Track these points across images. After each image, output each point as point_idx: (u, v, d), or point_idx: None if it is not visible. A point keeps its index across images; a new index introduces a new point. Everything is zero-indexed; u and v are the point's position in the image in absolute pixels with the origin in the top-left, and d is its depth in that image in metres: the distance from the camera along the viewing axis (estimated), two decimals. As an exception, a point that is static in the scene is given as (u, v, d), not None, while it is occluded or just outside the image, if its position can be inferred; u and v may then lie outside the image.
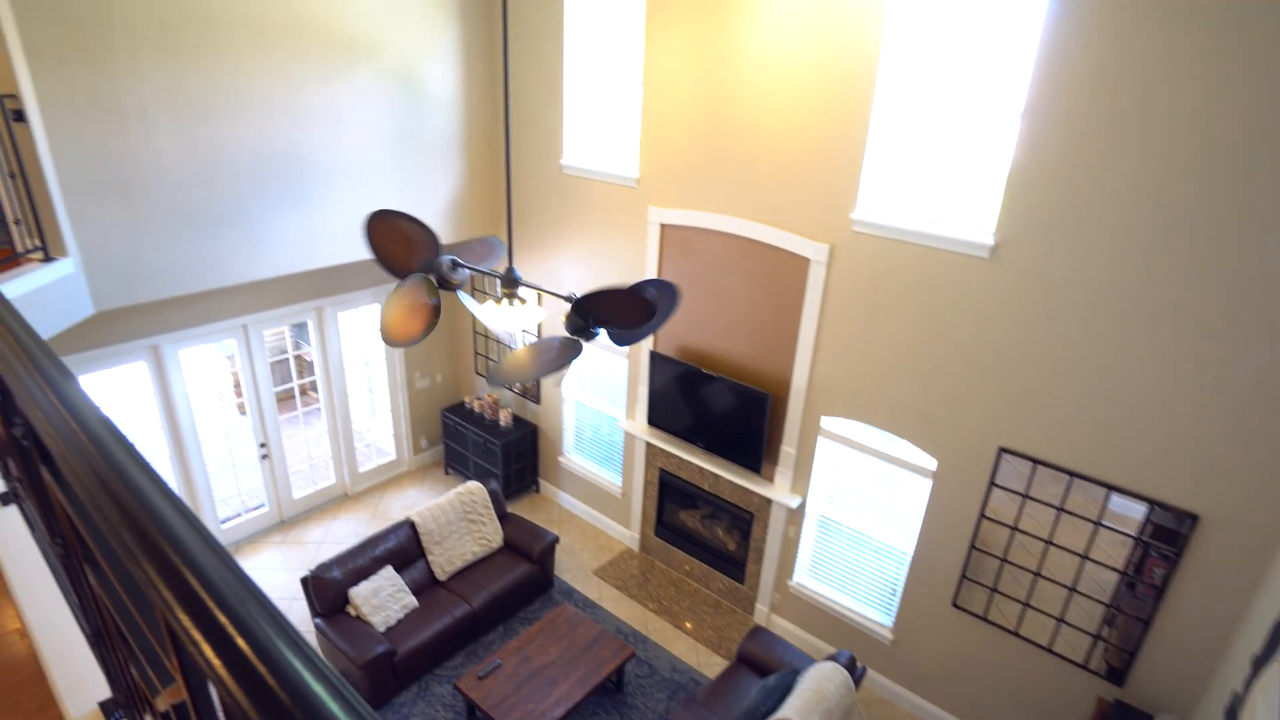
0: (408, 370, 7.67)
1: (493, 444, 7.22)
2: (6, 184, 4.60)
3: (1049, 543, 4.39)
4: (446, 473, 8.07)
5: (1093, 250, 3.85)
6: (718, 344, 5.70)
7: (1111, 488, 4.07)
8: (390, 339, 3.35)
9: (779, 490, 5.55)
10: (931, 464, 4.78)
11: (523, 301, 3.67)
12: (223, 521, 6.80)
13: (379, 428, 8.14)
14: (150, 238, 5.18)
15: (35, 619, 1.86)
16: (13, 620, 1.90)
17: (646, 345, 6.13)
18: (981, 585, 4.76)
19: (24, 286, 4.17)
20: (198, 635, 0.49)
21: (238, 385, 7.53)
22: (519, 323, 3.66)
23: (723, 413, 5.66)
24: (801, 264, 4.99)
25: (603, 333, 3.32)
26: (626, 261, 6.13)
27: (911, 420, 4.79)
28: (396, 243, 3.44)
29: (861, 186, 4.60)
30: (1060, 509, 4.28)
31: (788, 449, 5.46)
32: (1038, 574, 4.49)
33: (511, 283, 3.63)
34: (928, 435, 4.74)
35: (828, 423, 5.22)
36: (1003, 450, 4.42)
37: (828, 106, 4.60)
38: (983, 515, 4.61)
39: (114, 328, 5.83)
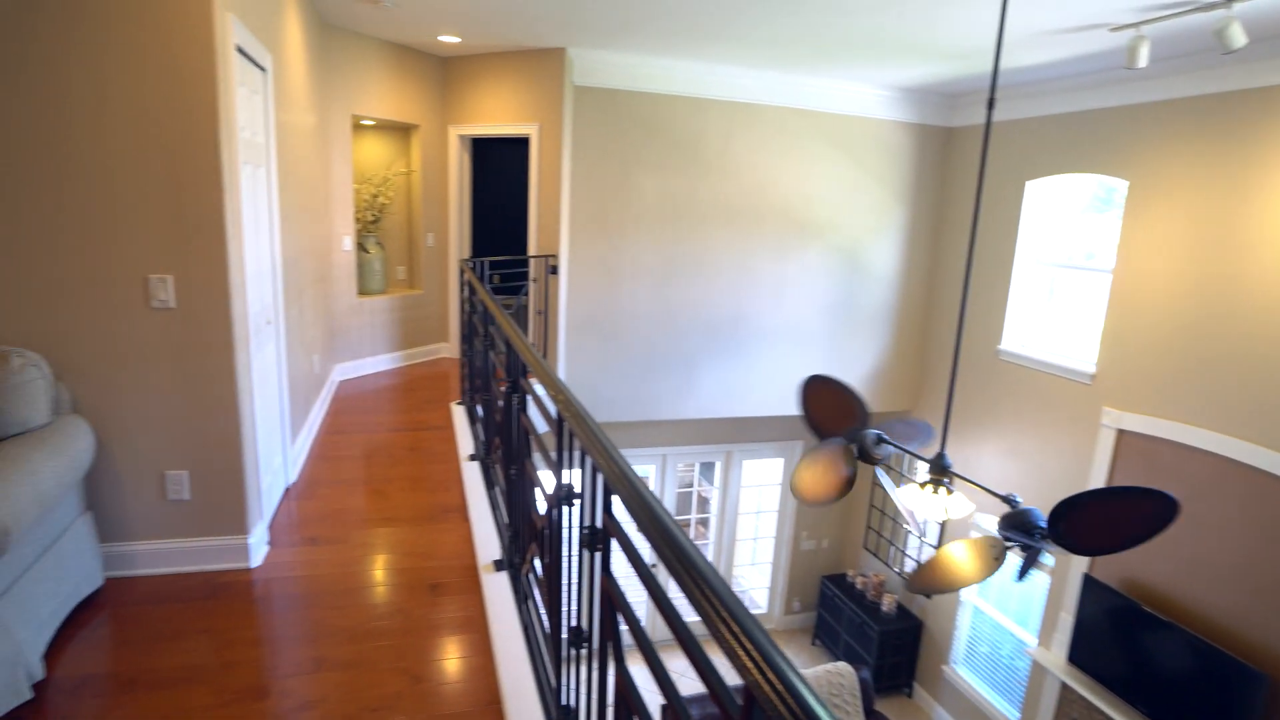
0: (796, 528, 7.69)
1: (870, 628, 6.71)
2: (534, 318, 6.07)
3: None
4: (814, 643, 7.71)
5: None
6: (1183, 587, 4.56)
7: None
8: (799, 492, 3.39)
9: (1266, 813, 4.03)
10: None
11: (949, 492, 3.43)
12: (607, 628, 7.45)
13: (756, 578, 8.22)
14: (611, 371, 6.23)
15: (506, 675, 2.21)
16: (491, 670, 2.29)
17: (1078, 564, 5.19)
18: None
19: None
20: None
21: (644, 506, 8.38)
22: (943, 513, 3.42)
23: (1181, 677, 4.42)
24: (1335, 511, 3.79)
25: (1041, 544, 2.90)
26: (1064, 465, 5.39)
27: None
28: (827, 406, 3.54)
29: None
30: None
31: (1288, 759, 3.98)
32: None
33: (941, 470, 3.43)
34: None
35: (1366, 742, 3.70)
36: None
37: (1398, 317, 3.57)
38: None
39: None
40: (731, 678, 0.86)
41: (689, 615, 7.23)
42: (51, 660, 2.28)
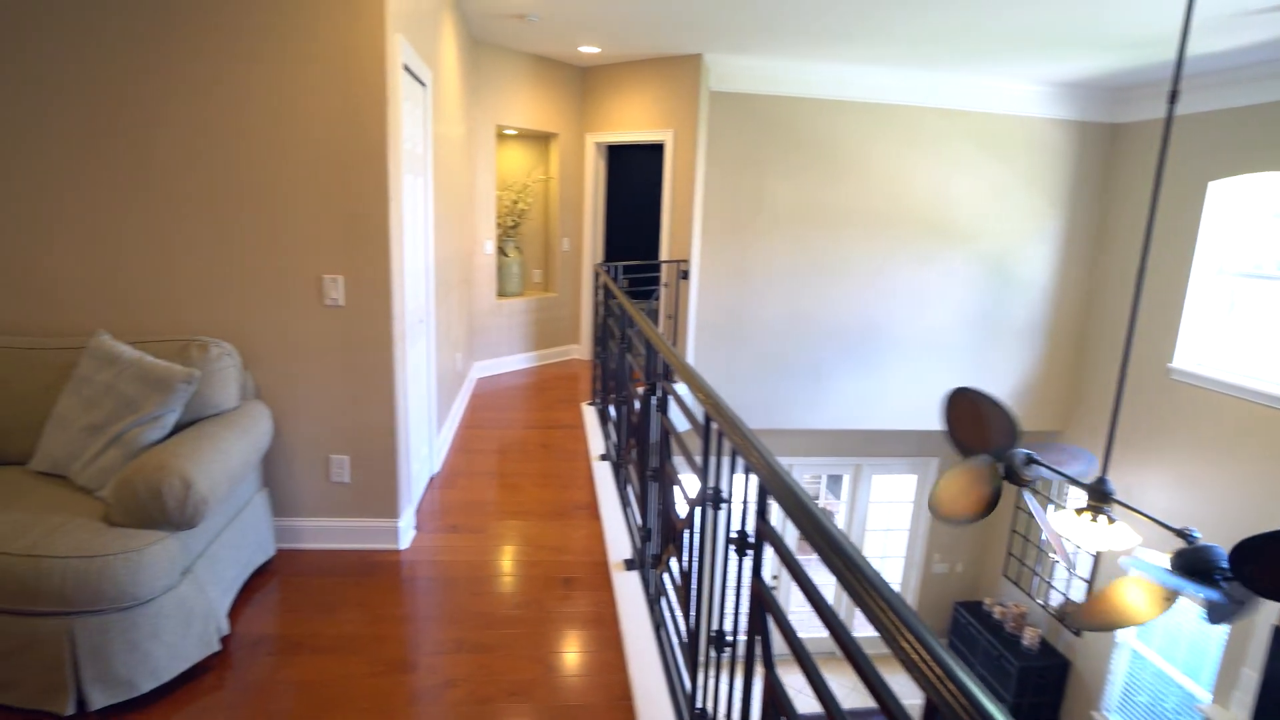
0: (928, 550, 7.32)
1: (1009, 663, 6.27)
2: (664, 322, 6.12)
3: None
4: (943, 674, 7.29)
5: None
6: (1400, 648, 3.94)
7: None
8: (937, 506, 3.21)
9: None
10: None
11: (1110, 521, 3.15)
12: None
13: (881, 599, 7.89)
14: (739, 377, 6.18)
15: (636, 673, 2.24)
16: (622, 667, 2.32)
17: (1265, 612, 4.61)
18: None
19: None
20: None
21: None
22: (1103, 544, 3.14)
23: (1396, 753, 3.82)
24: None
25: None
26: (1251, 500, 4.81)
27: None
28: (973, 422, 3.34)
29: None
30: None
31: None
32: None
33: (1102, 496, 3.16)
34: None
35: None
36: None
37: None
38: None
39: (695, 446, 7.06)
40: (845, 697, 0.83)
41: (814, 630, 7.01)
42: (233, 618, 2.53)
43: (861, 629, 7.37)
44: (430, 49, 3.64)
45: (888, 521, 7.56)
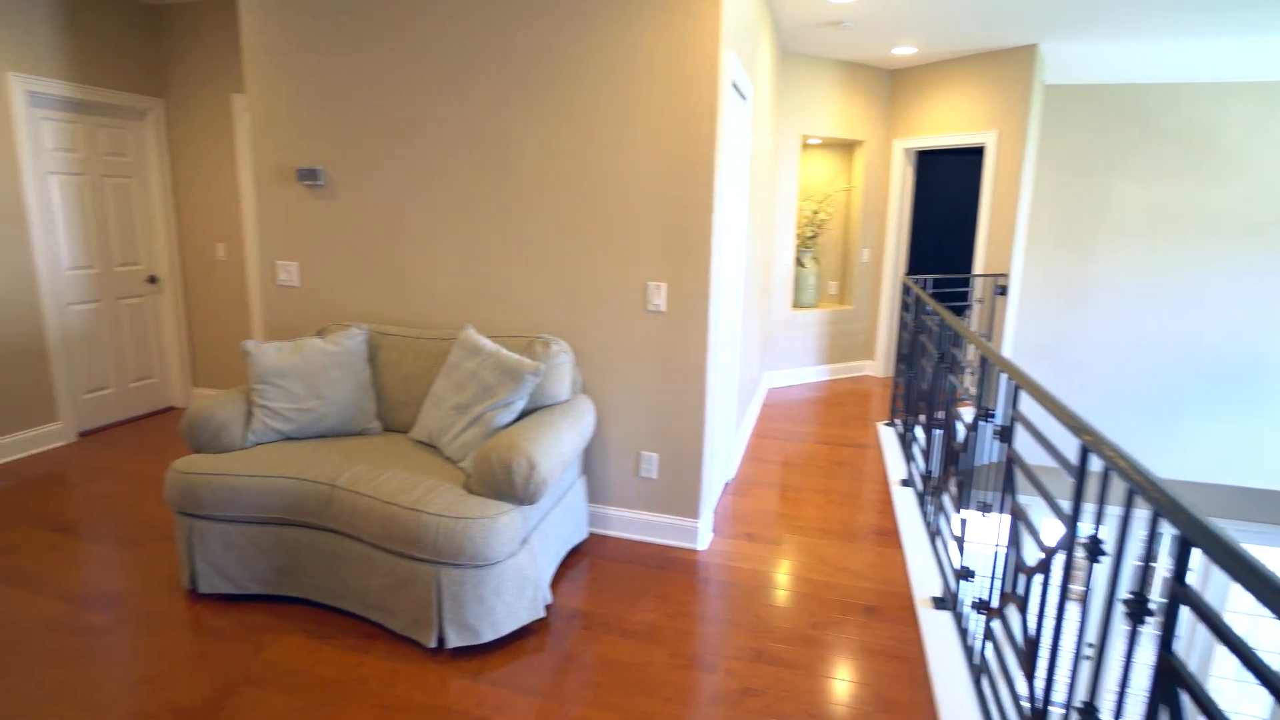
0: (1320, 647, 5.74)
1: None
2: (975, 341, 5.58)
3: None
4: (1337, 811, 5.64)
5: None
6: None
7: None
8: None
9: None
10: None
11: None
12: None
13: (1243, 700, 6.36)
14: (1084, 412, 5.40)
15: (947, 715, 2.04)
16: (932, 713, 2.13)
17: None
18: None
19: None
20: None
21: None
22: None
23: None
24: None
25: None
26: None
27: None
28: None
29: None
30: None
31: None
32: None
33: None
34: None
35: None
36: None
37: None
38: None
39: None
40: None
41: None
42: (552, 589, 2.80)
43: None
44: (751, 63, 3.72)
45: (1257, 604, 6.07)
